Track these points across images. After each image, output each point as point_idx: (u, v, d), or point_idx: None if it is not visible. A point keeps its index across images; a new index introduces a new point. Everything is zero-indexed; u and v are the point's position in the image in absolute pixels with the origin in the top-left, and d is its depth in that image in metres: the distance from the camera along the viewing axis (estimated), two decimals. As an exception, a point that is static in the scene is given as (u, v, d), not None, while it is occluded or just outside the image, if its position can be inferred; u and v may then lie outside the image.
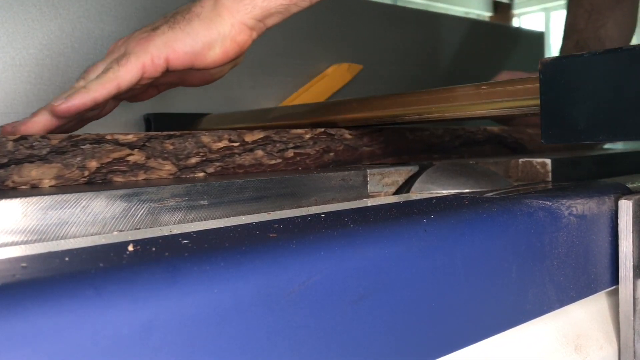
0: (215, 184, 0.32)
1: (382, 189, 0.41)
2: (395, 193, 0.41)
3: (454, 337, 0.27)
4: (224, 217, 0.32)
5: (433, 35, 1.20)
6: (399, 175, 0.42)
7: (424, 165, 0.43)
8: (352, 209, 0.32)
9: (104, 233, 0.28)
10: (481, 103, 0.42)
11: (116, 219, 0.28)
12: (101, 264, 0.19)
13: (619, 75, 0.29)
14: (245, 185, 0.33)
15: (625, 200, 0.34)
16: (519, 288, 0.30)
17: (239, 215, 0.32)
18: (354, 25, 1.04)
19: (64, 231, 0.27)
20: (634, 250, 0.34)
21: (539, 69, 0.32)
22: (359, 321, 0.23)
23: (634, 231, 0.34)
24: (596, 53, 0.30)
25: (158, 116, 0.75)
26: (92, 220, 0.28)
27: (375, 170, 0.40)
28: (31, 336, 0.16)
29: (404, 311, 0.25)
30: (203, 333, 0.19)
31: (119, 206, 0.28)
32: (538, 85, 0.33)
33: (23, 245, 0.25)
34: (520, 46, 1.38)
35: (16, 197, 0.26)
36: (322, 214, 0.30)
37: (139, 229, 0.29)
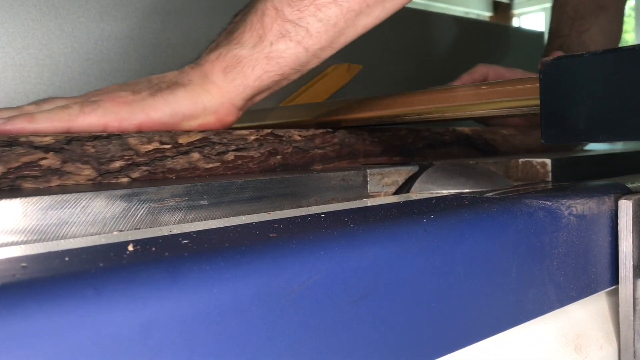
0: (216, 184, 0.32)
1: (382, 189, 0.41)
2: (395, 193, 0.41)
3: (454, 337, 0.27)
4: (224, 217, 0.32)
5: (433, 35, 1.20)
6: (399, 175, 0.42)
7: (424, 165, 0.43)
8: (352, 209, 0.32)
9: (104, 233, 0.28)
10: (481, 103, 0.42)
11: (116, 219, 0.28)
12: (101, 264, 0.19)
13: (619, 76, 0.29)
14: (245, 185, 0.33)
15: (625, 200, 0.34)
16: (519, 288, 0.30)
17: (239, 215, 0.32)
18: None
19: (64, 231, 0.27)
20: (634, 250, 0.34)
21: (539, 69, 0.32)
22: (359, 321, 0.23)
23: (634, 231, 0.34)
24: (596, 53, 0.30)
25: None
26: (92, 220, 0.28)
27: (375, 170, 0.40)
28: (31, 336, 0.16)
29: (404, 311, 0.25)
30: (203, 333, 0.19)
31: (119, 206, 0.28)
32: (538, 85, 0.33)
33: (23, 245, 0.25)
34: (520, 46, 1.38)
35: (16, 197, 0.26)
36: (322, 214, 0.30)
37: (139, 229, 0.29)
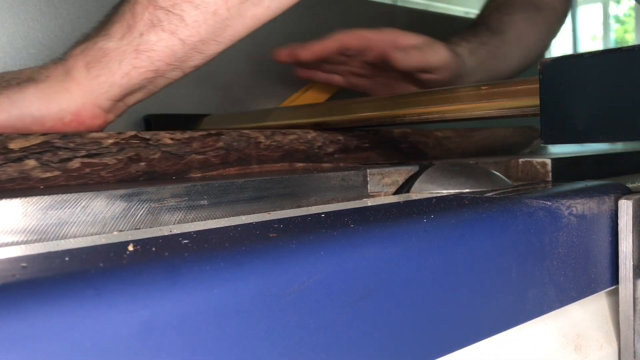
0: (216, 184, 0.32)
1: (382, 189, 0.41)
2: (395, 193, 0.41)
3: (454, 337, 0.27)
4: (224, 217, 0.32)
5: (433, 35, 1.20)
6: (399, 175, 0.42)
7: (424, 165, 0.43)
8: (352, 209, 0.32)
9: (104, 233, 0.28)
10: (481, 103, 0.42)
11: (116, 219, 0.28)
12: (101, 264, 0.19)
13: (619, 76, 0.29)
14: (245, 185, 0.33)
15: (625, 200, 0.34)
16: (519, 288, 0.30)
17: (239, 215, 0.32)
18: (354, 25, 1.04)
19: (64, 231, 0.27)
20: (634, 250, 0.34)
21: (539, 69, 0.32)
22: (359, 321, 0.23)
23: (634, 231, 0.34)
24: (596, 53, 0.30)
25: (158, 117, 0.75)
26: (92, 220, 0.28)
27: (375, 170, 0.40)
28: (31, 336, 0.16)
29: (404, 311, 0.25)
30: (203, 333, 0.19)
31: (119, 206, 0.28)
32: (538, 85, 0.33)
33: (23, 245, 0.25)
34: (520, 46, 1.38)
35: (16, 197, 0.26)
36: (322, 214, 0.30)
37: (139, 229, 0.29)
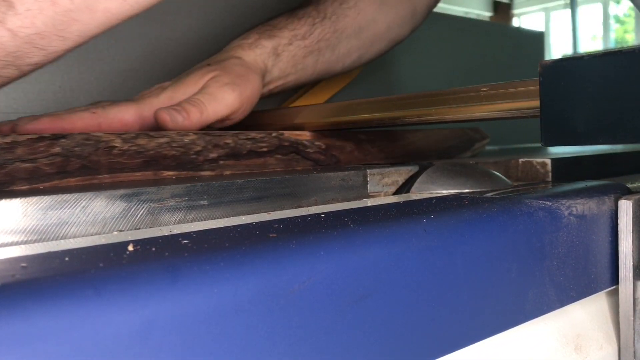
0: (215, 184, 0.32)
1: (382, 189, 0.41)
2: (395, 193, 0.41)
3: (454, 337, 0.27)
4: (224, 217, 0.32)
5: (433, 35, 1.20)
6: (399, 175, 0.42)
7: (424, 165, 0.43)
8: (352, 209, 0.32)
9: (104, 233, 0.28)
10: (481, 105, 0.42)
11: (116, 219, 0.28)
12: (101, 264, 0.19)
13: (619, 78, 0.29)
14: (245, 185, 0.33)
15: (625, 200, 0.34)
16: (519, 288, 0.30)
17: (239, 215, 0.32)
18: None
19: (64, 231, 0.27)
20: (634, 250, 0.34)
21: (539, 71, 0.32)
22: (359, 321, 0.23)
23: (634, 231, 0.34)
24: (596, 55, 0.30)
25: None
26: (92, 220, 0.28)
27: (375, 170, 0.40)
28: (31, 336, 0.16)
29: (404, 311, 0.25)
30: (203, 333, 0.19)
31: (119, 206, 0.28)
32: (538, 87, 0.33)
33: (23, 245, 0.25)
34: (520, 46, 1.38)
35: (16, 197, 0.26)
36: (322, 214, 0.30)
37: (139, 229, 0.29)
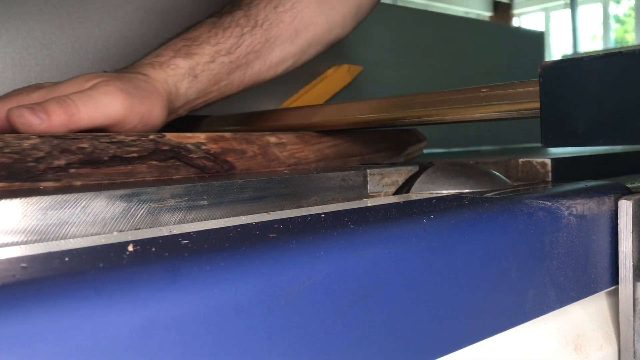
0: (215, 184, 0.32)
1: (382, 189, 0.41)
2: (395, 193, 0.41)
3: (454, 337, 0.27)
4: (224, 217, 0.32)
5: (433, 35, 1.20)
6: (399, 175, 0.42)
7: (424, 165, 0.43)
8: (352, 209, 0.32)
9: (104, 233, 0.28)
10: (481, 106, 0.42)
11: (116, 219, 0.28)
12: (101, 264, 0.19)
13: (619, 79, 0.29)
14: (245, 185, 0.33)
15: (625, 200, 0.34)
16: (519, 288, 0.30)
17: (239, 215, 0.32)
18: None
19: (64, 231, 0.27)
20: (633, 251, 0.34)
21: (539, 72, 0.32)
22: (359, 321, 0.23)
23: (634, 231, 0.34)
24: (596, 56, 0.30)
25: None
26: (92, 220, 0.28)
27: (375, 170, 0.40)
28: (31, 336, 0.16)
29: (404, 311, 0.25)
30: (203, 333, 0.19)
31: (119, 206, 0.28)
32: (538, 88, 0.33)
33: (23, 245, 0.25)
34: (520, 46, 1.38)
35: (16, 197, 0.26)
36: (322, 214, 0.30)
37: (139, 229, 0.29)
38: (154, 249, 0.22)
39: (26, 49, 0.68)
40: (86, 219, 0.27)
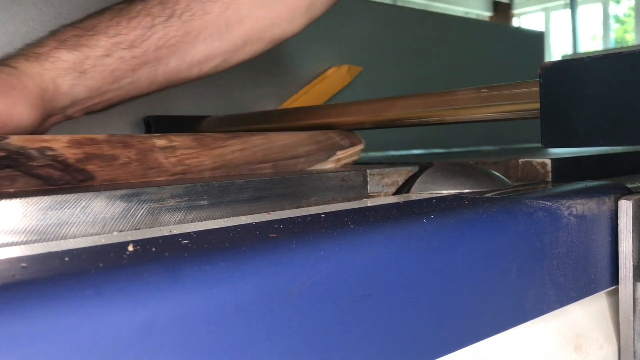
0: (215, 184, 0.32)
1: (382, 189, 0.41)
2: (395, 193, 0.41)
3: (454, 337, 0.27)
4: (224, 217, 0.32)
5: (433, 35, 1.20)
6: (399, 175, 0.42)
7: (424, 165, 0.43)
8: (352, 209, 0.32)
9: (104, 233, 0.28)
10: (481, 106, 0.42)
11: (116, 219, 0.28)
12: (101, 264, 0.19)
13: (619, 79, 0.29)
14: (245, 185, 0.33)
15: (625, 200, 0.34)
16: (519, 288, 0.30)
17: (239, 215, 0.32)
18: (355, 24, 1.04)
19: (64, 231, 0.27)
20: (634, 251, 0.34)
21: (539, 73, 0.32)
22: (359, 321, 0.23)
23: (634, 231, 0.34)
24: (596, 57, 0.30)
25: (158, 118, 0.75)
26: (92, 220, 0.28)
27: (375, 171, 0.40)
28: (31, 336, 0.16)
29: (404, 311, 0.25)
30: (203, 333, 0.19)
31: (119, 206, 0.28)
32: (538, 88, 0.33)
33: (23, 245, 0.25)
34: (520, 46, 1.38)
35: (16, 197, 0.26)
36: (322, 214, 0.30)
37: (139, 229, 0.29)
38: (154, 249, 0.22)
39: (26, 49, 0.68)
40: (86, 219, 0.27)
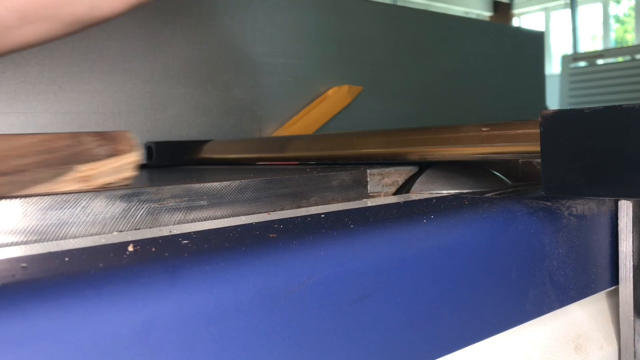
0: (215, 184, 0.32)
1: (382, 189, 0.41)
2: (395, 193, 0.41)
3: (454, 337, 0.27)
4: (224, 217, 0.32)
5: (433, 35, 1.20)
6: (399, 175, 0.42)
7: (424, 165, 0.43)
8: (352, 209, 0.32)
9: (104, 233, 0.28)
10: (481, 146, 0.41)
11: (116, 219, 0.28)
12: (101, 264, 0.19)
13: (619, 132, 0.29)
14: (245, 185, 0.33)
15: (625, 200, 0.34)
16: (519, 288, 0.30)
17: (239, 215, 0.32)
18: (355, 24, 1.04)
19: (64, 231, 0.27)
20: (634, 251, 0.34)
21: (540, 121, 0.32)
22: (359, 321, 0.23)
23: (634, 231, 0.34)
24: (596, 110, 0.30)
25: (159, 144, 0.75)
26: (92, 220, 0.28)
27: (375, 171, 0.40)
28: (31, 336, 0.16)
29: (404, 311, 0.25)
30: (203, 333, 0.19)
31: (119, 206, 0.28)
32: (538, 130, 0.33)
33: (23, 246, 0.25)
34: (520, 46, 1.38)
35: (16, 197, 0.26)
36: (322, 214, 0.30)
37: (139, 229, 0.29)
38: (154, 249, 0.22)
39: (26, 49, 0.68)
40: (86, 219, 0.27)
